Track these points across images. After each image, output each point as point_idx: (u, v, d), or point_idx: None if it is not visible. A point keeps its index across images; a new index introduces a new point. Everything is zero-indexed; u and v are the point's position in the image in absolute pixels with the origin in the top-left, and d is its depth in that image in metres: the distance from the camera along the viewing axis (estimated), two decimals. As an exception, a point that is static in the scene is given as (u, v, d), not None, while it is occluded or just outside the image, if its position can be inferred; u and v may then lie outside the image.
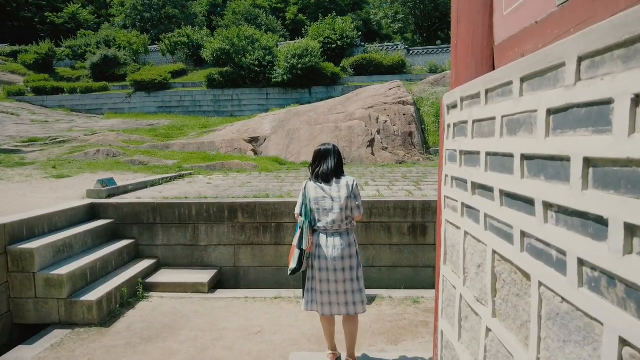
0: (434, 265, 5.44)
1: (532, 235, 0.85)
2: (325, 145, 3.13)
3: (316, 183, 3.05)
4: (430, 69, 23.63)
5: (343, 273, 2.88)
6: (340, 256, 2.88)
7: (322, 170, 3.04)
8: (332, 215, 2.94)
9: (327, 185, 3.01)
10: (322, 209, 2.98)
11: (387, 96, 14.49)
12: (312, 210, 3.01)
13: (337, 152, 3.10)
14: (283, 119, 13.86)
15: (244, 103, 21.76)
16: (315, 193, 3.01)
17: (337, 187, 2.98)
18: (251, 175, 8.81)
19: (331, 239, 2.93)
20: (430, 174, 8.80)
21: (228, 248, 5.54)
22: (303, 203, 3.07)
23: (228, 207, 5.47)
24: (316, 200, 3.00)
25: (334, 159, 3.06)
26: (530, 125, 0.86)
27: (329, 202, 2.96)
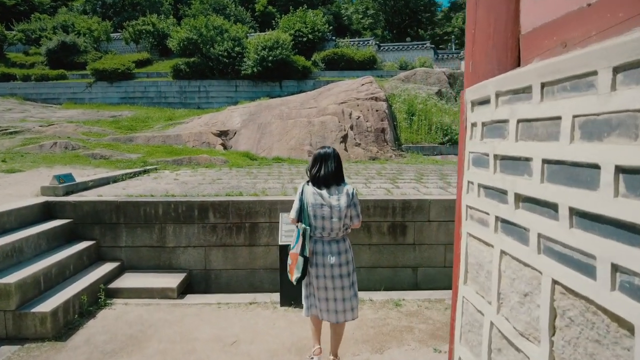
0: (413, 266, 5.34)
1: (633, 271, 0.65)
2: (325, 149, 3.01)
3: (314, 188, 2.93)
4: (400, 65, 23.76)
5: (341, 280, 2.85)
6: (337, 263, 2.85)
7: (323, 174, 2.91)
8: (330, 224, 2.87)
9: (326, 191, 2.91)
10: (320, 217, 2.89)
11: (359, 91, 14.37)
12: (309, 216, 2.91)
13: (337, 156, 3.00)
14: (254, 112, 13.45)
15: (212, 95, 21.07)
16: (314, 199, 2.90)
17: (337, 195, 2.90)
18: (221, 171, 8.43)
19: (328, 246, 2.89)
20: (404, 171, 8.73)
21: (198, 250, 5.20)
22: (300, 208, 2.96)
23: (198, 206, 5.12)
24: (314, 207, 2.90)
25: (333, 163, 2.96)
26: (633, 128, 0.66)
27: (327, 210, 2.87)
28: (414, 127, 13.69)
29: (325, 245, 2.88)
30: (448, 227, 5.35)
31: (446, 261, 5.42)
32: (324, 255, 2.86)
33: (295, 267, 2.91)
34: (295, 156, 11.59)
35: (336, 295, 2.86)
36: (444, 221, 5.35)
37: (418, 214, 5.29)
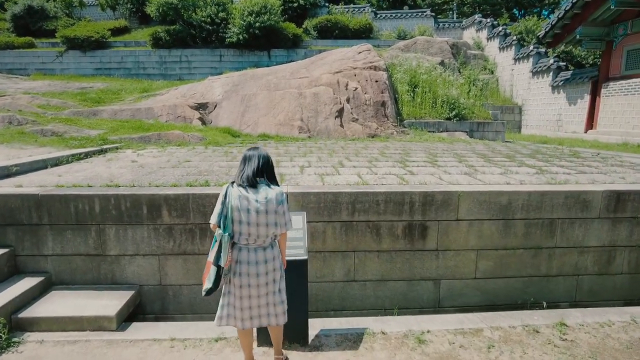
0: (434, 278, 4.09)
1: None
2: (252, 151, 2.75)
3: (240, 189, 2.61)
4: (398, 34, 22.09)
5: (266, 287, 2.68)
6: (264, 272, 2.65)
7: (248, 173, 2.63)
8: (256, 230, 2.59)
9: (253, 193, 2.60)
10: (245, 222, 2.58)
11: (356, 60, 12.84)
12: (233, 222, 2.59)
13: (266, 156, 2.73)
14: (237, 82, 11.91)
15: (194, 65, 19.33)
16: (239, 202, 2.58)
17: (264, 199, 2.59)
18: (194, 150, 7.03)
19: (253, 254, 2.64)
20: (412, 150, 7.40)
21: (150, 259, 3.88)
22: (222, 212, 2.61)
23: (147, 202, 3.76)
24: (239, 211, 2.58)
25: (261, 161, 2.69)
26: None
27: (253, 216, 2.58)
28: (417, 100, 12.28)
29: (251, 254, 2.63)
30: (482, 227, 4.09)
31: (477, 271, 4.18)
32: (249, 264, 2.62)
33: (207, 278, 2.61)
34: (285, 133, 10.18)
35: (260, 302, 2.69)
36: (476, 220, 4.07)
37: (443, 210, 4.00)
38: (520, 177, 4.82)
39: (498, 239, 4.14)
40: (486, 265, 4.18)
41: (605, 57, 12.19)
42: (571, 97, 13.53)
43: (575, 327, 3.42)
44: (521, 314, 3.70)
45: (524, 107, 16.16)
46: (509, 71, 17.09)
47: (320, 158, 6.21)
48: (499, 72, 17.89)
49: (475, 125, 12.04)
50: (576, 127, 13.25)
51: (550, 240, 4.21)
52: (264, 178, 2.65)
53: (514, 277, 4.24)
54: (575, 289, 4.35)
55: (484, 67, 18.16)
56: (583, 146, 9.80)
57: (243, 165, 2.67)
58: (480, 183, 4.42)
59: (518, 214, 4.11)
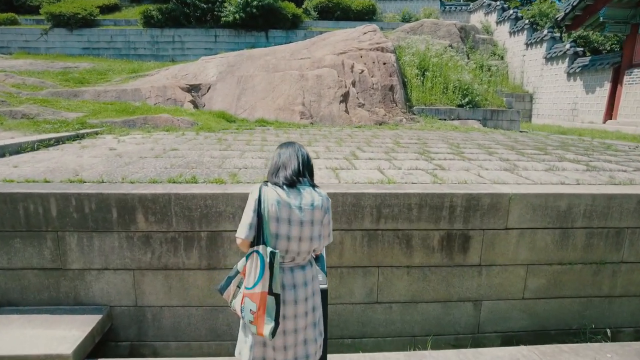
0: (475, 299, 3.32)
1: None
2: (288, 145, 2.10)
3: (277, 191, 1.91)
4: (403, 17, 21.09)
5: (305, 318, 2.00)
6: (303, 297, 1.98)
7: (288, 173, 1.97)
8: (297, 246, 1.93)
9: (295, 198, 1.93)
10: (285, 237, 1.90)
11: (361, 41, 11.91)
12: (270, 235, 1.89)
13: (306, 152, 2.10)
14: (233, 63, 10.97)
15: (188, 46, 18.27)
16: (278, 210, 1.88)
17: (310, 206, 1.93)
18: (183, 137, 6.17)
19: (290, 275, 1.96)
20: (429, 140, 6.59)
21: (122, 275, 3.07)
22: (254, 222, 1.88)
23: (117, 203, 2.94)
24: (277, 222, 1.88)
25: (302, 158, 2.05)
26: None
27: (295, 229, 1.91)
28: (427, 85, 11.41)
29: (287, 275, 1.97)
30: (535, 238, 3.31)
31: (526, 290, 3.42)
32: (284, 289, 1.95)
33: (265, 314, 1.88)
34: (284, 118, 9.32)
35: (297, 339, 1.99)
36: (529, 229, 3.29)
37: (490, 217, 3.22)
38: (570, 174, 4.03)
39: (553, 252, 3.37)
40: (537, 284, 3.42)
41: (629, 41, 11.35)
42: (589, 85, 12.71)
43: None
44: (588, 348, 2.96)
45: (535, 95, 15.34)
46: (520, 57, 16.21)
47: (328, 148, 5.39)
48: (508, 57, 17.01)
49: (489, 114, 11.22)
50: (593, 117, 12.47)
51: (615, 254, 3.44)
52: (307, 178, 2.03)
53: (570, 298, 3.49)
54: (641, 311, 3.62)
55: (493, 53, 17.27)
56: (608, 137, 9.04)
57: (278, 160, 2.04)
58: (530, 182, 3.63)
59: (578, 222, 3.34)
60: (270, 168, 2.07)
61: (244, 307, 1.90)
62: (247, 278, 1.92)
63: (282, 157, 2.04)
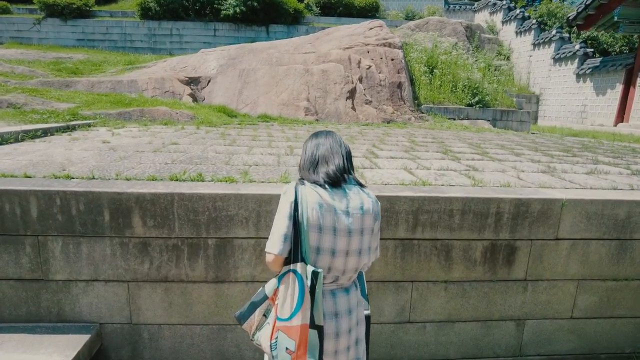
0: (518, 318, 2.91)
1: None
2: (326, 134, 1.70)
3: (319, 191, 1.51)
4: (406, 15, 20.74)
5: (347, 354, 1.60)
6: (347, 329, 1.58)
7: (331, 169, 1.57)
8: (343, 263, 1.53)
9: (340, 200, 1.53)
10: (329, 251, 1.50)
11: (367, 36, 11.49)
12: (309, 250, 1.47)
13: (347, 145, 1.70)
14: (234, 56, 10.51)
15: (186, 40, 17.76)
16: (320, 215, 1.47)
17: (359, 210, 1.54)
18: (183, 131, 5.71)
19: (331, 301, 1.56)
20: (446, 139, 6.19)
21: (115, 287, 2.62)
22: (290, 231, 1.48)
23: (110, 203, 2.49)
24: (319, 231, 1.47)
25: (345, 151, 1.65)
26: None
27: (342, 240, 1.50)
28: (435, 83, 11.03)
29: (328, 300, 1.54)
30: (587, 250, 2.90)
31: (575, 309, 3.01)
32: (332, 319, 1.53)
33: (307, 354, 1.45)
34: (288, 114, 8.88)
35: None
36: (581, 239, 2.88)
37: (540, 225, 2.80)
38: (617, 178, 3.64)
39: (607, 267, 2.97)
40: (588, 302, 3.01)
41: (643, 42, 11.04)
42: (599, 87, 12.39)
43: None
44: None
45: (542, 97, 15.01)
46: (527, 57, 15.88)
47: (342, 145, 4.96)
48: (514, 58, 16.68)
49: (499, 114, 10.85)
50: (604, 120, 12.15)
51: (675, 269, 3.05)
52: (353, 175, 1.64)
53: (624, 318, 3.09)
54: (699, 333, 3.23)
55: (499, 53, 16.93)
56: (625, 140, 8.69)
57: (315, 151, 1.63)
58: (578, 187, 3.22)
59: (638, 233, 2.94)
60: (304, 162, 1.63)
61: (277, 344, 1.47)
62: (280, 306, 1.49)
63: (320, 148, 1.61)
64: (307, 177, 1.57)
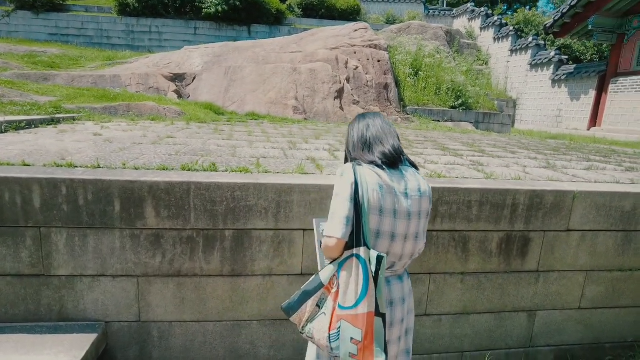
0: (528, 309, 2.94)
1: None
2: (373, 115, 1.65)
3: (378, 172, 1.45)
4: (387, 19, 21.03)
5: (398, 345, 1.55)
6: (400, 318, 1.53)
7: (387, 148, 1.52)
8: (401, 247, 1.48)
9: (398, 182, 1.47)
10: (388, 234, 1.44)
11: (352, 38, 11.55)
12: (369, 233, 1.41)
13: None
14: (219, 53, 10.33)
15: (166, 38, 17.36)
16: (381, 197, 1.42)
17: (417, 192, 1.50)
18: (174, 126, 5.54)
19: (387, 288, 1.51)
20: (438, 139, 6.25)
21: (123, 283, 2.48)
22: (352, 214, 1.40)
23: (121, 192, 2.35)
24: (380, 214, 1.42)
25: (395, 131, 1.63)
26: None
27: (402, 223, 1.45)
28: (420, 85, 11.18)
29: (384, 287, 1.46)
30: (596, 241, 2.97)
31: (583, 300, 3.07)
32: (391, 307, 1.49)
33: (374, 343, 1.35)
34: (277, 112, 8.78)
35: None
36: (590, 231, 2.94)
37: (552, 216, 2.84)
38: (616, 174, 3.75)
39: (614, 257, 3.04)
40: (595, 292, 3.08)
41: (615, 51, 11.55)
42: (574, 92, 12.88)
43: None
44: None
45: (519, 101, 15.48)
46: (504, 63, 16.36)
47: (341, 141, 4.93)
48: (492, 63, 17.15)
49: (481, 117, 11.10)
50: (578, 124, 12.63)
51: (675, 260, 3.16)
52: (406, 156, 1.58)
53: (628, 308, 3.17)
54: (694, 322, 3.35)
55: (477, 58, 17.36)
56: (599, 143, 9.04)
57: (365, 132, 1.56)
58: (583, 180, 3.29)
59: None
60: (355, 143, 1.58)
61: (339, 335, 1.39)
62: (343, 294, 1.41)
63: (371, 129, 1.56)
64: (361, 157, 1.51)
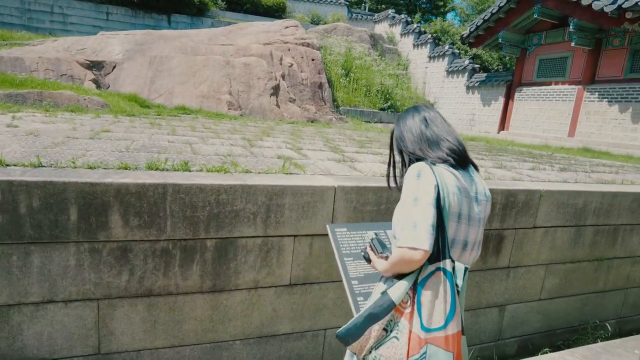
0: (500, 304, 3.06)
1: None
2: (428, 108, 1.51)
3: (452, 172, 1.32)
4: (312, 19, 21.11)
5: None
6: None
7: (454, 145, 1.39)
8: (469, 256, 1.39)
9: (468, 182, 1.35)
10: (462, 242, 1.33)
11: (284, 35, 11.36)
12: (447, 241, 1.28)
13: None
14: (142, 41, 9.42)
15: (72, 21, 15.43)
16: (459, 202, 1.30)
17: (484, 195, 1.40)
18: (101, 119, 4.85)
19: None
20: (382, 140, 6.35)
21: (80, 309, 2.02)
22: (436, 221, 1.24)
23: (79, 198, 1.90)
24: (457, 219, 1.30)
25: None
26: None
27: (474, 230, 1.35)
28: (351, 86, 11.38)
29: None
30: (555, 236, 3.18)
31: (543, 291, 3.27)
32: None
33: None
34: (209, 107, 8.24)
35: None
36: (552, 227, 3.15)
37: (523, 215, 2.98)
38: (557, 174, 4.09)
39: (568, 251, 3.29)
40: (552, 284, 3.30)
41: (519, 63, 12.89)
42: (485, 99, 14.12)
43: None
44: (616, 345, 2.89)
45: (436, 105, 16.54)
46: (423, 69, 17.37)
47: (297, 140, 4.73)
48: (412, 68, 18.11)
49: (408, 118, 11.62)
50: (489, 127, 13.87)
51: (611, 250, 3.53)
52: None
53: (575, 296, 3.47)
54: (623, 304, 3.78)
55: (398, 63, 18.24)
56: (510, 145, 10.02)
57: (424, 127, 1.38)
58: (537, 180, 3.52)
59: (589, 220, 3.32)
60: (414, 138, 1.39)
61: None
62: (427, 314, 1.24)
63: (431, 122, 1.40)
64: (427, 154, 1.35)
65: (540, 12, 11.07)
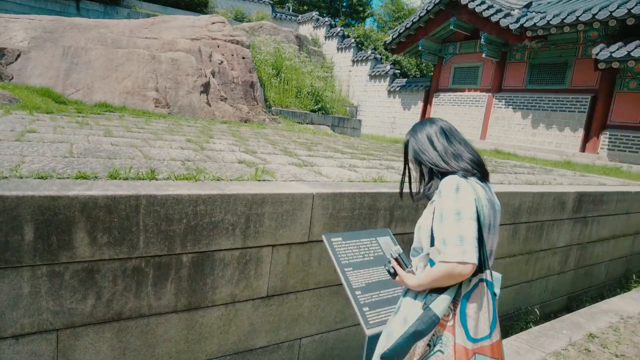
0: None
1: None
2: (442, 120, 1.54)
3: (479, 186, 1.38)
4: (235, 15, 20.58)
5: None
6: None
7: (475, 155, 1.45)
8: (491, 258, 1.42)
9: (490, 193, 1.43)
10: (489, 252, 1.39)
11: (212, 30, 10.92)
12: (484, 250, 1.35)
13: None
14: (52, 29, 8.38)
15: (-51, -2, 13.19)
16: (490, 214, 1.37)
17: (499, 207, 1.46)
18: (17, 117, 4.22)
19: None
20: (320, 143, 6.42)
21: (34, 343, 1.73)
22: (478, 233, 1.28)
23: (37, 214, 1.63)
24: (489, 230, 1.37)
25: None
26: None
27: (496, 239, 1.44)
28: (282, 87, 11.33)
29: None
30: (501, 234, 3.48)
31: (487, 285, 3.57)
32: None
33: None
34: (134, 104, 7.62)
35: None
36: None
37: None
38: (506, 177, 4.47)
39: (507, 246, 3.64)
40: (494, 277, 3.62)
41: (437, 70, 13.92)
42: (406, 103, 15.01)
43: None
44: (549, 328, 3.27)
45: (359, 108, 17.18)
46: (347, 72, 17.92)
47: (243, 142, 4.57)
48: (336, 71, 18.57)
49: (337, 120, 11.92)
50: (410, 130, 14.77)
51: (538, 244, 3.97)
52: None
53: (511, 286, 3.85)
54: (545, 290, 4.29)
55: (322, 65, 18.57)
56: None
57: (443, 139, 1.44)
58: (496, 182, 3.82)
59: (523, 218, 3.70)
60: (440, 152, 1.41)
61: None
62: (472, 324, 1.27)
63: (451, 133, 1.45)
64: (453, 166, 1.37)
65: (455, 24, 12.05)
